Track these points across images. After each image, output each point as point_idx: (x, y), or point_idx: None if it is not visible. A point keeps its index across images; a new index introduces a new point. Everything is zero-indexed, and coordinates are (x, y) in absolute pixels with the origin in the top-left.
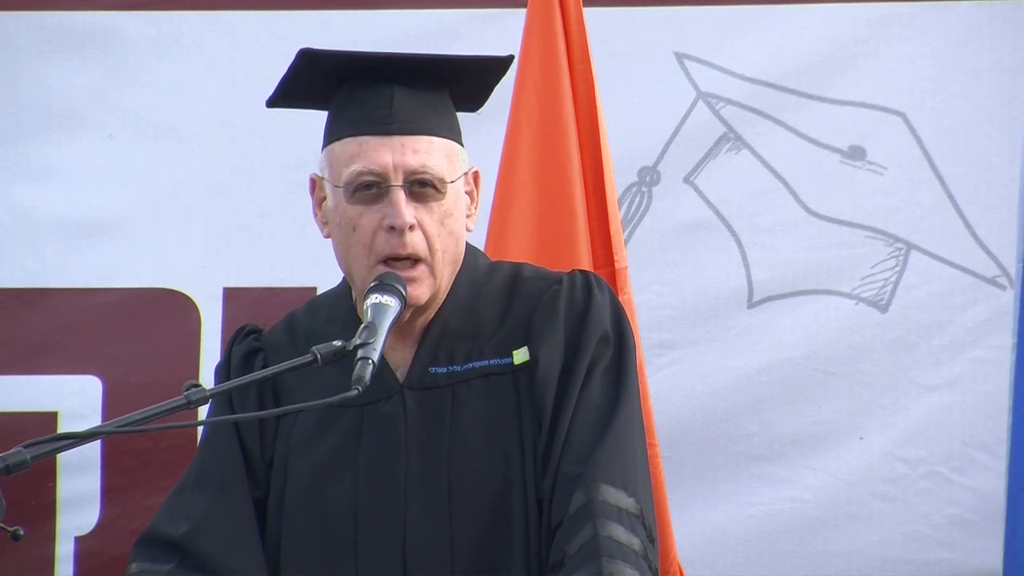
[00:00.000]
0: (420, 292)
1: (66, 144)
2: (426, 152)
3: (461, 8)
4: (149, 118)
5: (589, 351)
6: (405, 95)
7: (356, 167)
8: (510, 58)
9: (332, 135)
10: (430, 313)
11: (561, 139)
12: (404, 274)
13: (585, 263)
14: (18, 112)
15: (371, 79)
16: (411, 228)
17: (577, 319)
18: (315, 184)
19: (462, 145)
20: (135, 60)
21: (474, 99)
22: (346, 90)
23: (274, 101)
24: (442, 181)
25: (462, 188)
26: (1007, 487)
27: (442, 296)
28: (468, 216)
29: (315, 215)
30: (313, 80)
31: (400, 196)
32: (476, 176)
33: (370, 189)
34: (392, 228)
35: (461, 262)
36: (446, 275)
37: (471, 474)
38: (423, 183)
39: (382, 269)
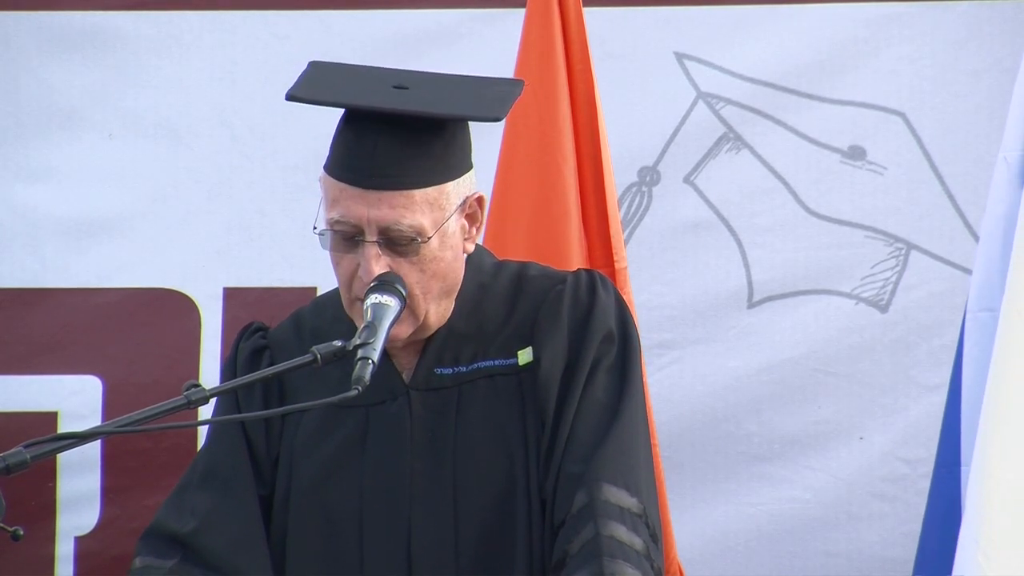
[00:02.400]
0: (399, 331)
1: (66, 144)
2: (404, 207)
3: (461, 8)
4: (149, 118)
5: (593, 350)
6: (391, 143)
7: (334, 214)
8: (519, 82)
9: (327, 160)
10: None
11: (557, 139)
12: None
13: (577, 264)
14: (18, 112)
15: (360, 122)
16: None
17: (581, 318)
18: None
19: (465, 170)
20: (135, 60)
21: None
22: (342, 121)
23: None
24: (420, 235)
25: (454, 223)
26: (935, 462)
27: (436, 323)
28: (467, 239)
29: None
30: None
31: (371, 252)
32: (480, 201)
33: (346, 238)
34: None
35: (458, 287)
36: (433, 308)
37: (476, 475)
38: (398, 239)
39: (359, 305)
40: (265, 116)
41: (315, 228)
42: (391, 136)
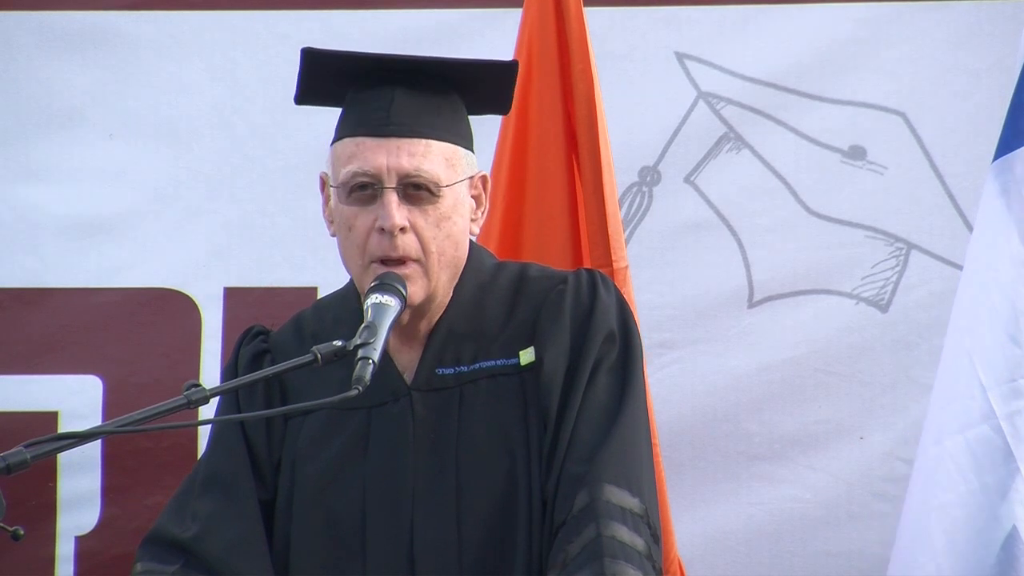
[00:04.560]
0: (413, 290)
1: (66, 144)
2: (422, 155)
3: (461, 8)
4: (149, 118)
5: (594, 350)
6: (406, 97)
7: (352, 168)
8: (515, 63)
9: (336, 135)
10: (435, 315)
11: (550, 139)
12: (396, 272)
13: (565, 264)
14: (18, 112)
15: (374, 80)
16: (402, 230)
17: (582, 318)
18: (324, 182)
19: (470, 149)
20: (135, 60)
21: (494, 103)
22: (352, 91)
23: (299, 99)
24: (437, 185)
25: (464, 192)
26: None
27: (441, 298)
28: (473, 220)
29: (323, 212)
30: (323, 80)
31: (392, 198)
32: (484, 180)
33: (365, 190)
34: (383, 230)
35: (463, 265)
36: (443, 277)
37: (478, 475)
38: (417, 186)
39: (377, 269)
40: (265, 116)
41: (332, 184)
42: (405, 89)
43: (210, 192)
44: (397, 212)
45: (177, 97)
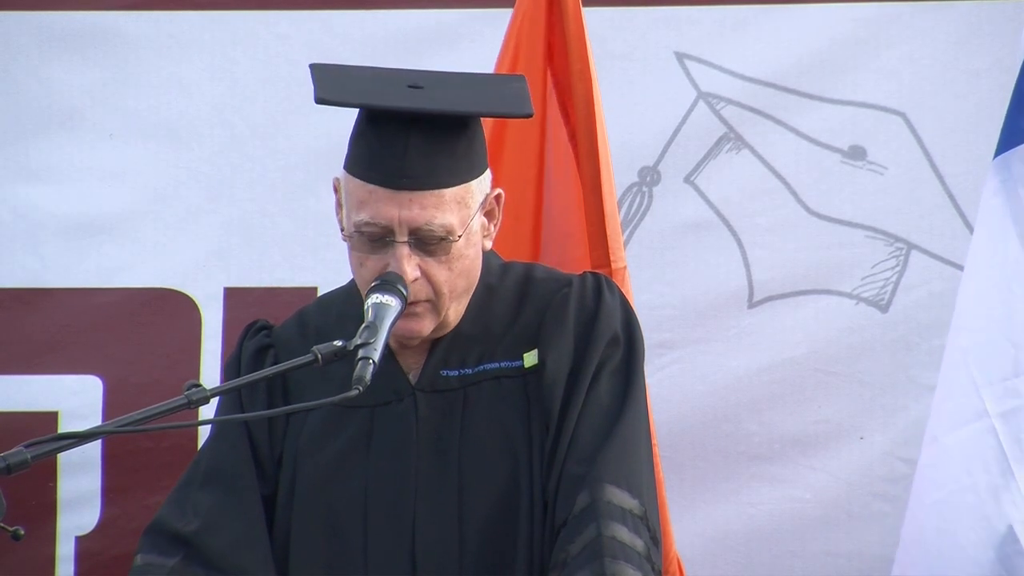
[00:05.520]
0: (422, 327)
1: (66, 144)
2: (434, 207)
3: (461, 8)
4: (149, 118)
5: (598, 352)
6: (420, 145)
7: (363, 216)
8: (532, 115)
9: (349, 161)
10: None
11: (526, 139)
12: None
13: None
14: (18, 112)
15: (385, 119)
16: (413, 281)
17: (587, 321)
18: (337, 188)
19: (484, 169)
20: (135, 60)
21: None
22: (365, 120)
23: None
24: (449, 234)
25: (477, 221)
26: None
27: (453, 321)
28: (486, 236)
29: (336, 214)
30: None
31: (403, 252)
32: (499, 198)
33: (375, 238)
34: None
35: (475, 285)
36: (454, 306)
37: (480, 475)
38: (429, 239)
39: None
40: (265, 116)
41: (342, 230)
42: (420, 136)
43: (210, 192)
44: (408, 265)
45: (177, 97)
